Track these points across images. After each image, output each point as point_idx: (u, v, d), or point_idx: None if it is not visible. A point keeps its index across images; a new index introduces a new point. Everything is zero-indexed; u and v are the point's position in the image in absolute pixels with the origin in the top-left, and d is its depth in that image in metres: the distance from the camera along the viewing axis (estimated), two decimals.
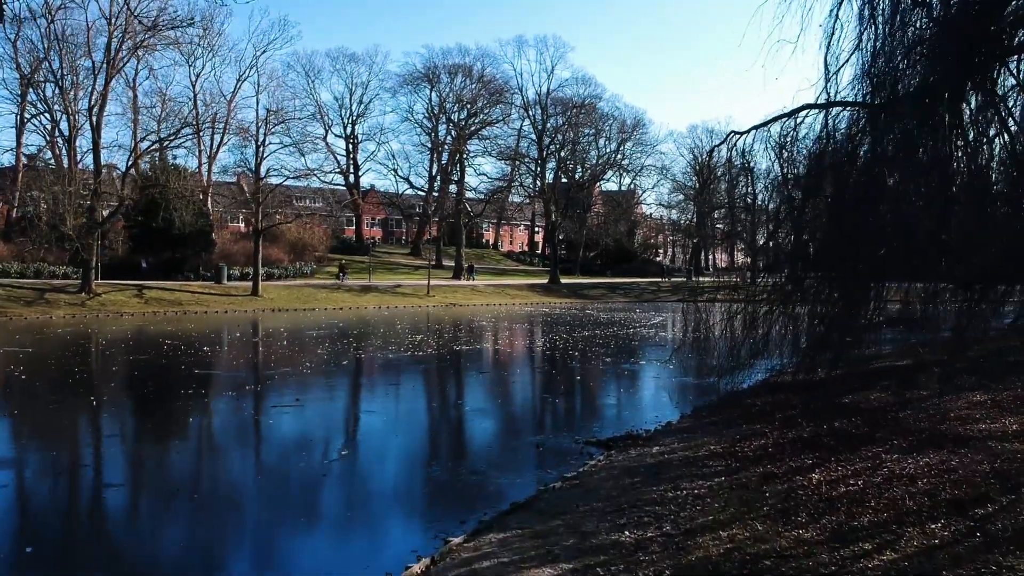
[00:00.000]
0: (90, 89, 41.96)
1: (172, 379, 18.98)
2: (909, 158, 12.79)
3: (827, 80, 13.31)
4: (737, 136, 18.60)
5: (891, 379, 16.86)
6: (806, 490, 8.53)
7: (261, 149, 48.26)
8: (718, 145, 18.80)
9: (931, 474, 8.83)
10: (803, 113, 17.57)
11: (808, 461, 9.94)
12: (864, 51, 13.88)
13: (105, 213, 45.32)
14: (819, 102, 14.74)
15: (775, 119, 17.74)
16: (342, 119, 76.31)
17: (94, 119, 41.74)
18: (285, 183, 63.39)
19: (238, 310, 43.94)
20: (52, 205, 40.92)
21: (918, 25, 13.30)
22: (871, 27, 13.03)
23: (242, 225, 68.06)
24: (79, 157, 45.14)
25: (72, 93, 42.91)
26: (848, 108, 16.25)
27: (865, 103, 15.10)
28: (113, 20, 41.29)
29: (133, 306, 42.02)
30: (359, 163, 77.49)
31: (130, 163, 43.57)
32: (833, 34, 13.01)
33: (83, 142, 44.95)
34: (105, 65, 41.80)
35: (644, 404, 15.71)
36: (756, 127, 18.20)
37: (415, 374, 20.85)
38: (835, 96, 13.60)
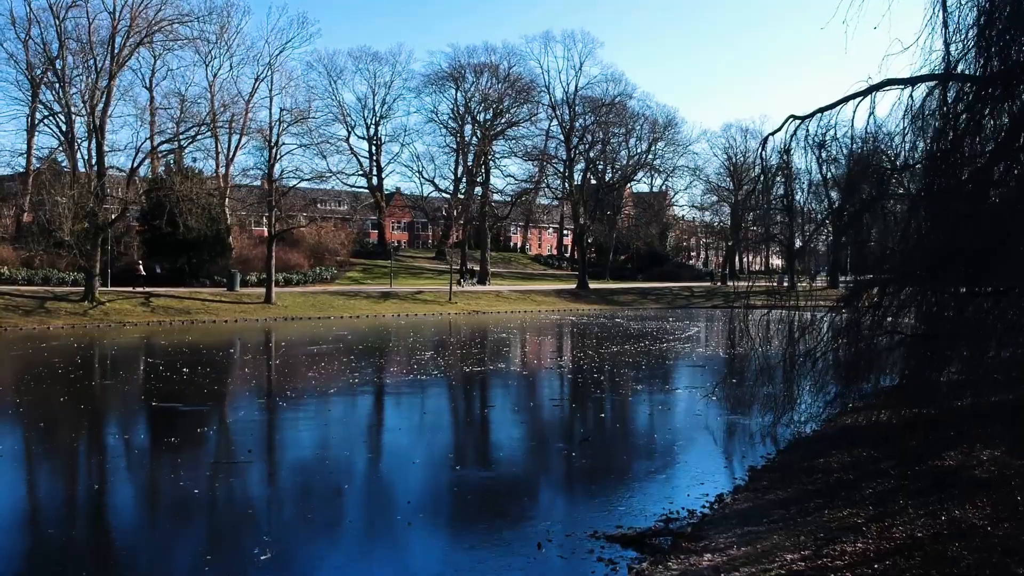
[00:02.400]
0: (95, 89, 39.19)
1: (120, 415, 15.87)
2: None
3: (946, 28, 9.57)
4: (797, 121, 14.95)
5: (994, 423, 13.09)
6: None
7: (275, 150, 45.33)
8: (773, 133, 15.14)
9: None
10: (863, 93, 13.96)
11: None
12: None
13: (112, 218, 42.75)
14: (929, 73, 11.04)
15: (848, 98, 14.07)
16: (365, 120, 73.34)
17: (97, 119, 39.03)
18: (306, 186, 60.88)
19: (248, 319, 41.02)
20: (52, 209, 38.29)
21: None
22: None
23: (265, 229, 65.41)
24: (95, 160, 42.83)
25: (88, 94, 40.24)
26: (951, 82, 12.49)
27: (976, 76, 11.39)
28: (116, 14, 38.65)
29: (138, 315, 39.26)
30: (382, 165, 74.57)
31: (135, 165, 40.82)
32: None
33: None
34: (108, 62, 39.12)
35: (685, 460, 12.10)
36: (822, 109, 14.49)
37: (408, 409, 17.44)
38: (955, 56, 9.86)
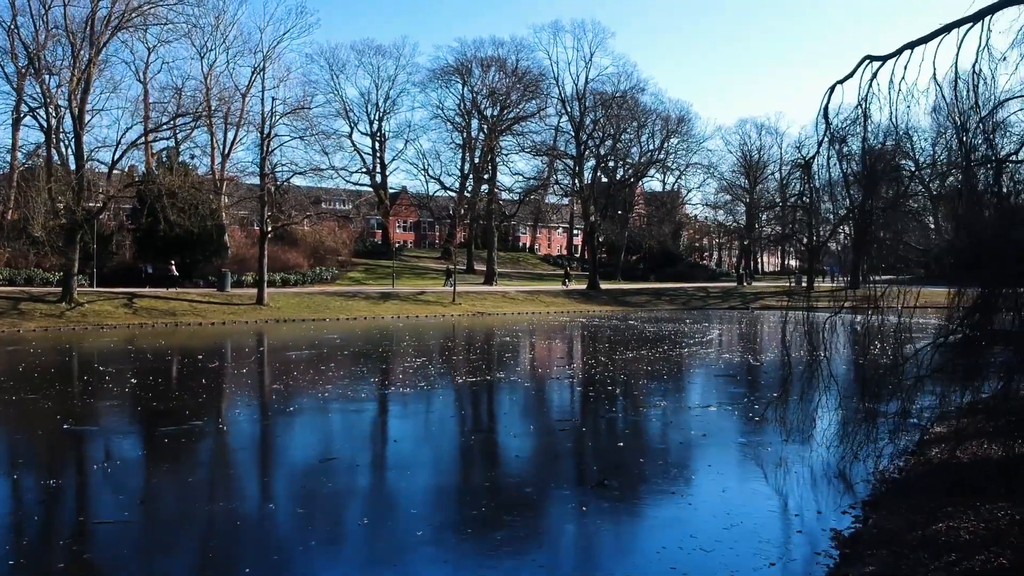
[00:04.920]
0: (73, 75, 35.86)
1: (14, 442, 12.37)
2: None
3: None
4: (877, 63, 11.29)
5: None
6: None
7: (267, 142, 41.89)
8: (842, 80, 11.42)
9: None
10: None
11: None
12: None
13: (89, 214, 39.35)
14: None
15: (950, 27, 10.42)
16: (368, 115, 69.75)
17: (75, 108, 35.72)
18: (308, 184, 57.53)
19: (237, 321, 37.58)
20: (27, 205, 35.00)
21: None
22: None
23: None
24: (86, 155, 39.71)
25: (65, 82, 36.92)
26: None
27: None
28: None
29: (119, 317, 35.91)
30: (386, 162, 70.95)
31: (116, 157, 37.43)
32: None
33: (89, 139, 39.35)
34: (87, 48, 35.79)
35: (740, 519, 8.42)
36: (912, 44, 10.86)
37: (379, 434, 13.90)
38: None
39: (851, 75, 11.35)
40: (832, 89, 11.43)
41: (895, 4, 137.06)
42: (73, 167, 37.15)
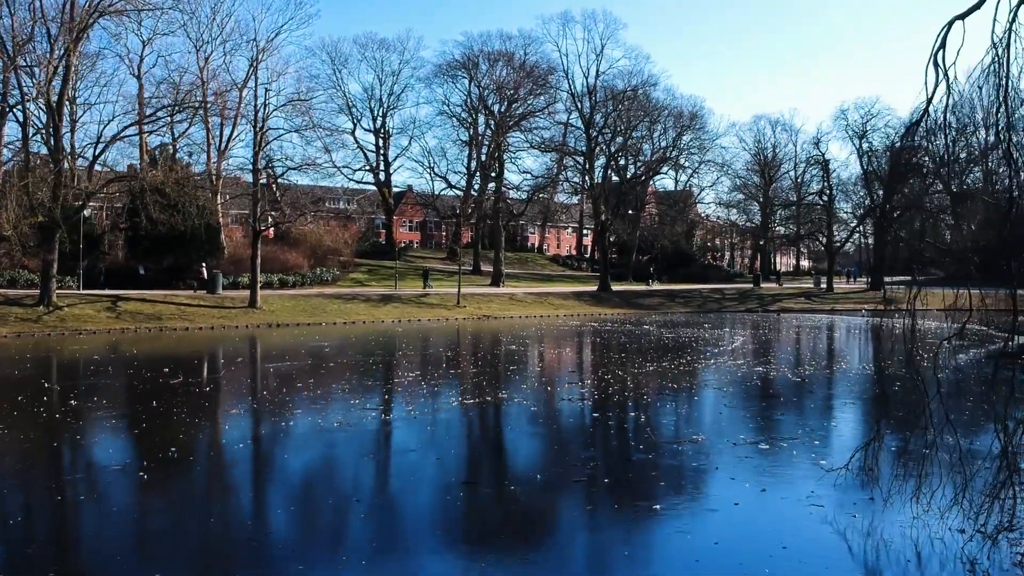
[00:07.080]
0: (50, 64, 32.93)
1: None
2: None
3: None
4: None
5: None
6: None
7: (261, 135, 38.88)
8: (963, 15, 8.17)
9: None
10: None
11: None
12: None
13: (87, 213, 36.63)
14: None
15: None
16: (371, 111, 66.62)
17: (53, 99, 32.80)
18: (309, 183, 54.73)
19: (227, 326, 34.61)
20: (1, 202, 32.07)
21: None
22: None
23: (267, 228, 59.14)
24: (77, 152, 36.98)
25: (51, 74, 34.02)
26: None
27: None
28: None
29: (100, 322, 33.04)
30: (390, 160, 67.83)
31: (97, 152, 34.51)
32: None
33: (82, 136, 36.78)
34: (66, 34, 32.85)
35: None
36: None
37: (331, 490, 10.75)
38: None
39: (978, 6, 8.13)
40: (949, 26, 8.16)
41: (902, 2, 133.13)
42: (65, 161, 34.35)
